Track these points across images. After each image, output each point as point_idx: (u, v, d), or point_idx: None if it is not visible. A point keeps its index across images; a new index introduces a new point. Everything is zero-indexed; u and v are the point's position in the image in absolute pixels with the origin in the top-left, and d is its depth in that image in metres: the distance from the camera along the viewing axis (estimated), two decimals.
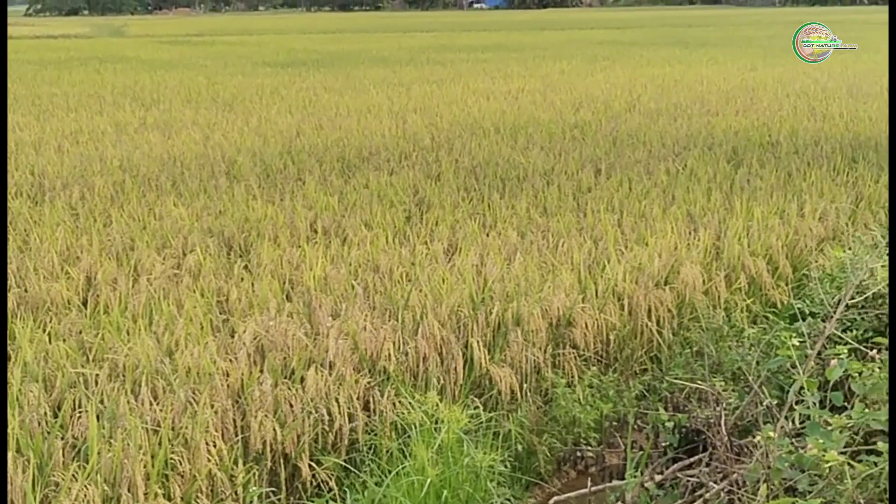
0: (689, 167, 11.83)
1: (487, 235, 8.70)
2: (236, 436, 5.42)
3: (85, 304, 7.10)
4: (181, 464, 5.08)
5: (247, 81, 25.75)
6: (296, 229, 9.00)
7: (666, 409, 6.49)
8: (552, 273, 7.53)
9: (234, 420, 5.48)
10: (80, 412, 5.27)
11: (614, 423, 6.67)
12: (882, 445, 4.31)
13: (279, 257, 7.98)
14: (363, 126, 16.10)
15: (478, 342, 6.41)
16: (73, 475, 4.76)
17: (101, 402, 5.35)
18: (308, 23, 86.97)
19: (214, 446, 5.20)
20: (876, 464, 4.23)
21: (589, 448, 6.45)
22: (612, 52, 37.58)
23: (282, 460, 5.50)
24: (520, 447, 6.10)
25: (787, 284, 8.14)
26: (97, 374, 5.65)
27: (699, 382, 6.34)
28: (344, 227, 9.08)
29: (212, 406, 5.39)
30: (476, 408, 5.99)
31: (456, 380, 6.26)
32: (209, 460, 5.12)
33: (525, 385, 6.45)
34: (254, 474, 5.31)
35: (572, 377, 6.65)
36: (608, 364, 7.06)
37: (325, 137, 14.73)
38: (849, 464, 4.27)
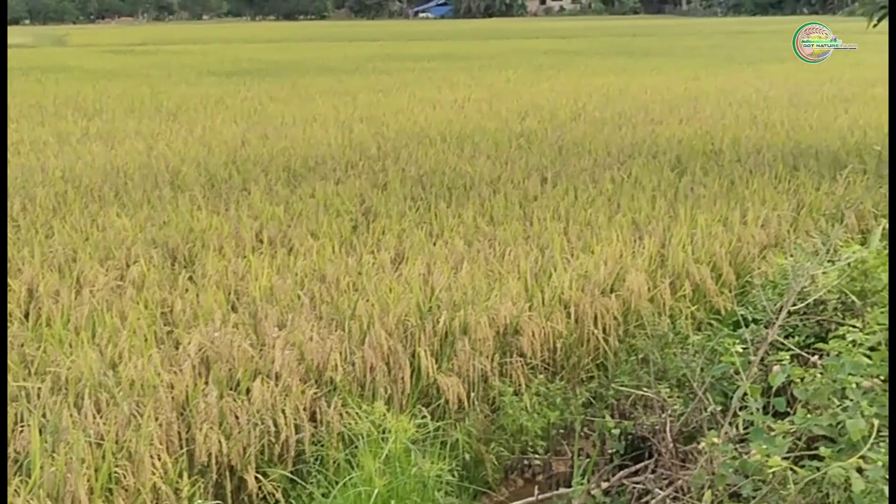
0: (633, 175, 11.92)
1: (434, 244, 8.70)
2: (181, 448, 5.36)
3: (27, 316, 6.99)
4: (125, 477, 5.01)
5: (191, 91, 25.58)
6: (241, 239, 8.93)
7: (612, 416, 6.52)
8: (499, 281, 7.54)
9: (179, 433, 5.42)
10: (21, 426, 5.18)
11: (561, 431, 6.68)
12: (824, 450, 4.37)
13: (224, 268, 7.91)
14: (309, 135, 16.05)
15: (425, 351, 6.40)
16: (16, 490, 4.69)
17: (44, 415, 5.26)
18: (253, 32, 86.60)
19: (159, 459, 5.14)
20: (818, 469, 4.29)
21: (536, 456, 6.46)
22: (558, 61, 37.84)
23: (227, 472, 5.45)
24: (467, 456, 6.10)
25: (730, 291, 8.22)
26: (39, 388, 5.56)
27: (645, 389, 6.38)
28: (290, 236, 9.03)
29: (156, 419, 5.33)
30: (423, 417, 5.97)
31: (403, 389, 6.25)
32: (154, 473, 5.06)
33: (472, 394, 6.44)
34: (199, 487, 5.25)
35: (519, 385, 6.65)
36: (555, 372, 7.08)
37: (271, 147, 14.66)
38: (791, 469, 4.33)
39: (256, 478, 5.46)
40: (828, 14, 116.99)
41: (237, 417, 5.53)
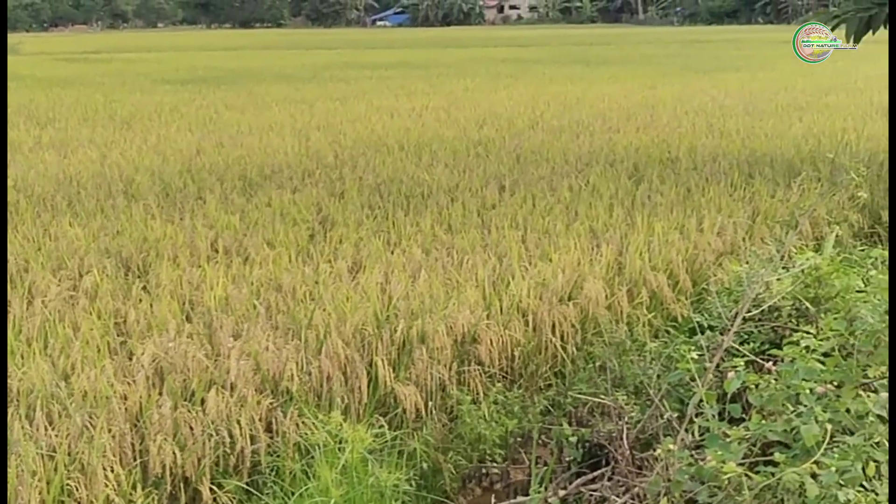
0: (591, 183, 11.96)
1: (392, 253, 8.67)
2: (135, 460, 5.31)
3: None
4: (78, 490, 4.96)
5: (145, 99, 25.39)
6: (196, 249, 8.86)
7: (570, 423, 6.53)
8: (457, 290, 7.53)
9: (133, 444, 5.36)
10: None
11: (519, 439, 6.68)
12: (779, 456, 4.40)
13: (179, 277, 7.84)
14: (265, 144, 15.97)
15: (382, 360, 6.38)
16: None
17: None
18: (209, 40, 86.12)
19: (112, 471, 5.08)
20: (773, 474, 4.31)
21: (494, 464, 6.45)
22: (515, 69, 37.94)
23: (182, 484, 5.39)
24: (425, 465, 6.08)
25: (686, 298, 8.26)
26: None
27: (602, 397, 6.39)
28: (246, 246, 8.97)
29: (109, 430, 5.27)
30: (381, 427, 5.95)
31: (360, 399, 6.22)
32: (107, 486, 5.01)
33: (430, 403, 6.43)
34: (153, 499, 5.20)
35: (477, 394, 6.64)
36: (513, 380, 7.08)
37: (227, 155, 14.57)
38: (746, 475, 4.35)
39: (211, 489, 5.41)
40: (783, 23, 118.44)
41: (192, 428, 5.48)
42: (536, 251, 8.71)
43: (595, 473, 5.91)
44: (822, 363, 5.03)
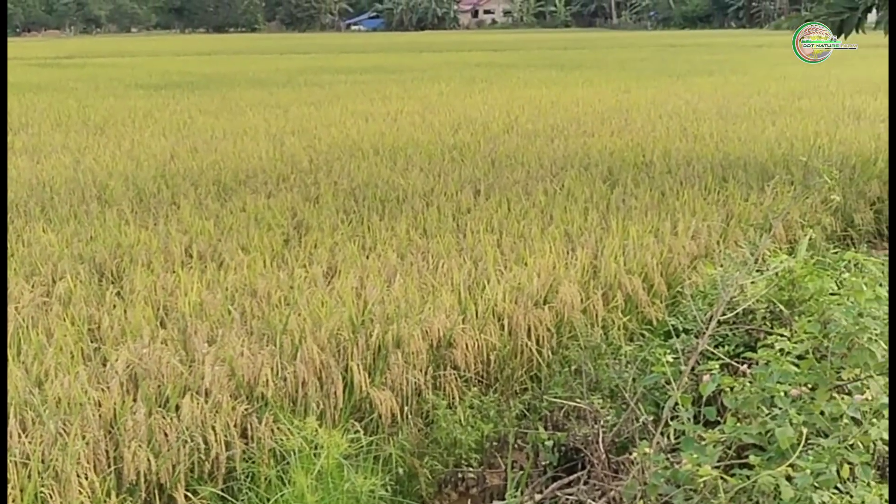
0: (566, 187, 11.98)
1: (367, 257, 8.66)
2: (109, 467, 5.27)
3: None
4: (52, 497, 4.93)
5: (119, 104, 25.26)
6: (170, 254, 8.82)
7: (546, 427, 6.53)
8: (432, 294, 7.52)
9: (107, 451, 5.32)
10: None
11: (495, 444, 6.68)
12: (754, 459, 4.41)
13: (153, 283, 7.81)
14: (240, 149, 15.92)
15: (358, 365, 6.36)
16: None
17: None
18: (182, 44, 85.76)
19: (86, 478, 5.05)
20: (748, 477, 4.33)
21: (470, 469, 6.44)
22: (490, 73, 37.97)
23: (156, 491, 5.36)
24: (401, 470, 6.06)
25: (661, 302, 8.28)
26: None
27: (578, 400, 6.40)
28: (220, 251, 8.94)
29: (83, 437, 5.24)
30: (356, 432, 5.94)
31: (336, 404, 6.20)
32: (81, 493, 4.98)
33: (406, 408, 6.42)
34: None
35: (453, 398, 6.64)
36: (489, 384, 7.08)
37: (201, 160, 14.51)
38: (722, 478, 4.36)
39: (186, 496, 5.38)
40: (755, 27, 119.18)
41: (166, 435, 5.45)
42: (512, 255, 8.72)
43: (571, 477, 5.91)
44: (797, 366, 5.05)
